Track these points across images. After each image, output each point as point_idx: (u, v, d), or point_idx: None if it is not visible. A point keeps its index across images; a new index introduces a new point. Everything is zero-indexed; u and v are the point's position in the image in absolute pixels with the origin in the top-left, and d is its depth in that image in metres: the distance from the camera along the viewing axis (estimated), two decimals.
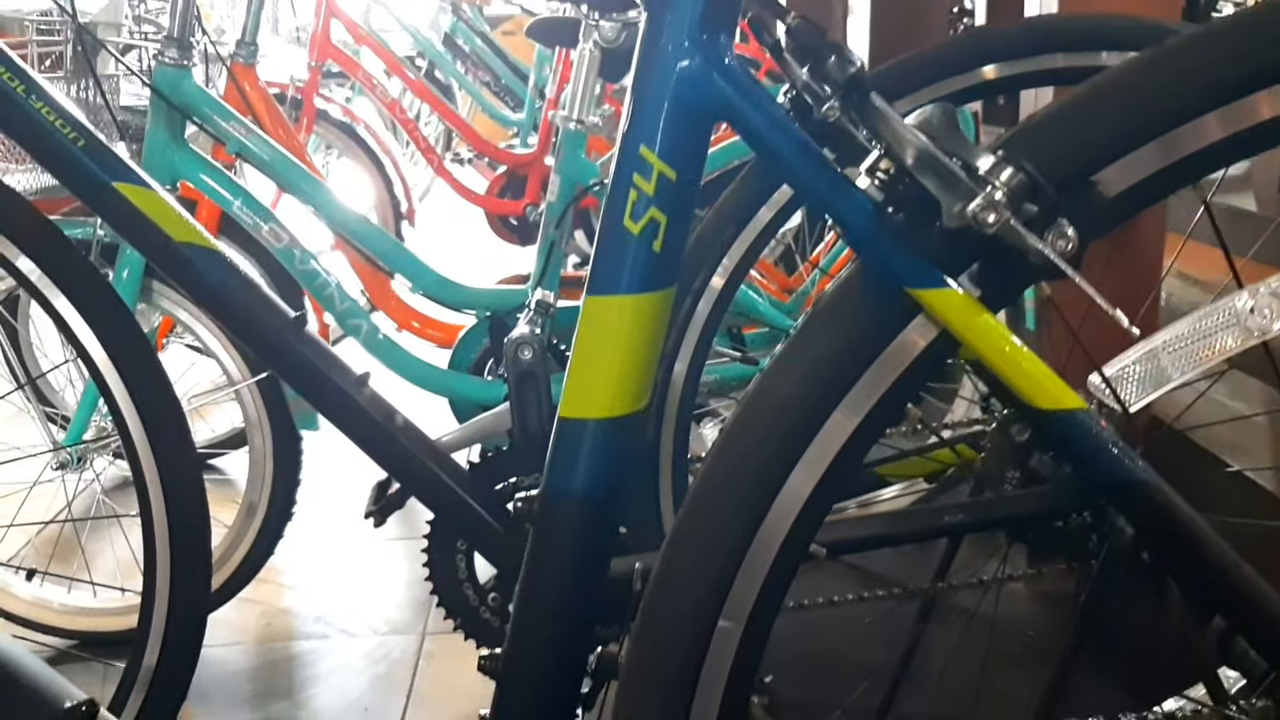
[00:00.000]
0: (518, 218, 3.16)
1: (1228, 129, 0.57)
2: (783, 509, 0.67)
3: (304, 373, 1.22)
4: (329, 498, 2.21)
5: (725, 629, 0.71)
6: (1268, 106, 0.57)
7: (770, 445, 0.64)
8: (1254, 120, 0.58)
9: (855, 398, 0.63)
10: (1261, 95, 0.57)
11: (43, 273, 1.22)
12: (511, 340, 1.33)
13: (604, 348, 0.66)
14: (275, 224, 1.73)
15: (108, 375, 1.25)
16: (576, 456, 0.68)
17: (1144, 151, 0.59)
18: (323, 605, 1.94)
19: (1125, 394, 0.86)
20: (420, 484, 1.25)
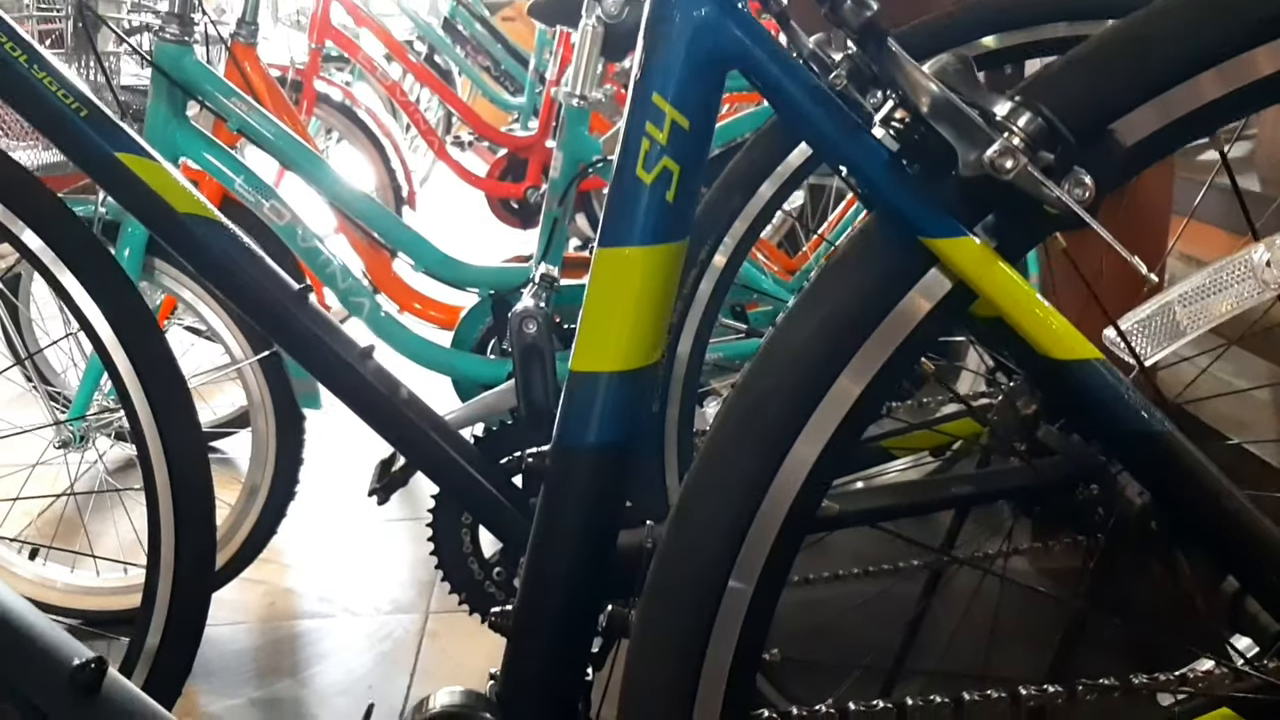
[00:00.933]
0: (518, 201, 3.15)
1: (1252, 76, 0.57)
2: (795, 465, 0.66)
3: (308, 345, 1.21)
4: (332, 479, 2.21)
5: (736, 590, 0.71)
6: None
7: (783, 400, 0.64)
8: (1275, 69, 0.57)
9: (870, 350, 0.62)
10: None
11: (49, 248, 1.21)
12: (516, 314, 1.32)
13: (616, 300, 0.66)
14: (277, 201, 1.72)
15: (114, 352, 1.25)
16: (589, 410, 0.68)
17: (1163, 99, 0.58)
18: (326, 585, 1.94)
19: (1140, 348, 0.85)
20: (425, 458, 1.25)
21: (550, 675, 0.72)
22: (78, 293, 1.24)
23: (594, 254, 0.66)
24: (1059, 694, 0.79)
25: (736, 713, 0.70)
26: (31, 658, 0.63)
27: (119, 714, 0.64)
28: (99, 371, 1.67)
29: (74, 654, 0.64)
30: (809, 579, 1.38)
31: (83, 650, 0.65)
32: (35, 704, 0.61)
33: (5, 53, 1.10)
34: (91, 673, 0.63)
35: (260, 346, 1.74)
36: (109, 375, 1.27)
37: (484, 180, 3.23)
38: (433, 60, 4.00)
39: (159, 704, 1.00)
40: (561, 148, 1.71)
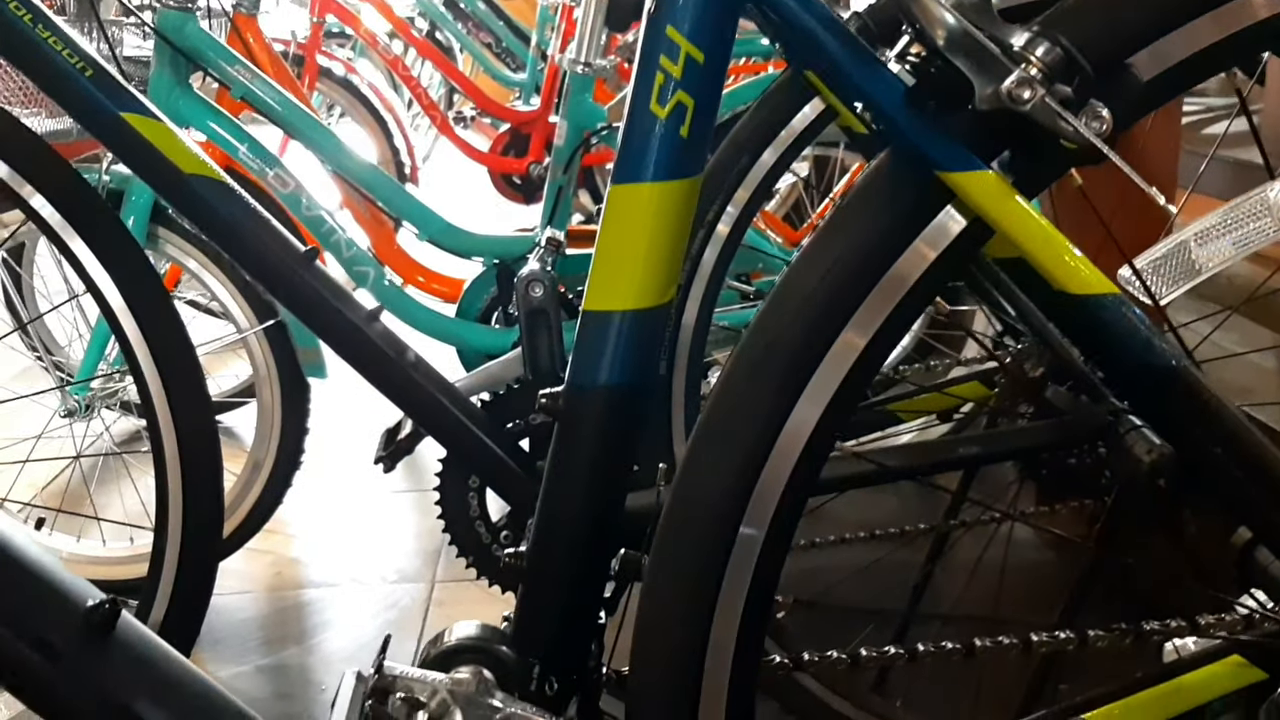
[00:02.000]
0: (521, 176, 3.14)
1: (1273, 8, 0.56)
2: (807, 408, 0.66)
3: (315, 307, 1.21)
4: (338, 450, 2.21)
5: (747, 536, 0.71)
6: None
7: (796, 341, 0.64)
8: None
9: (886, 288, 0.62)
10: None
11: (60, 214, 1.21)
12: (522, 278, 1.32)
13: (629, 237, 0.65)
14: (281, 169, 1.71)
15: (123, 318, 1.24)
16: (602, 349, 0.68)
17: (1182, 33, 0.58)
18: (332, 555, 1.94)
19: (1156, 288, 0.85)
20: (432, 420, 1.25)
21: (563, 616, 0.72)
22: (88, 259, 1.23)
23: (607, 191, 0.65)
24: (1070, 640, 0.79)
25: (749, 658, 0.70)
26: (46, 598, 0.63)
27: (133, 654, 0.64)
28: (105, 338, 1.67)
29: (88, 595, 0.64)
30: (814, 543, 1.38)
31: (96, 592, 0.65)
32: (50, 642, 0.61)
33: (10, 13, 1.10)
34: (106, 613, 0.63)
35: (265, 316, 1.74)
36: (117, 342, 1.26)
37: (487, 155, 3.23)
38: (434, 37, 3.98)
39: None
40: (566, 116, 1.71)
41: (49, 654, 0.62)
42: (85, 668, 0.62)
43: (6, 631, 0.61)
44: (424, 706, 0.60)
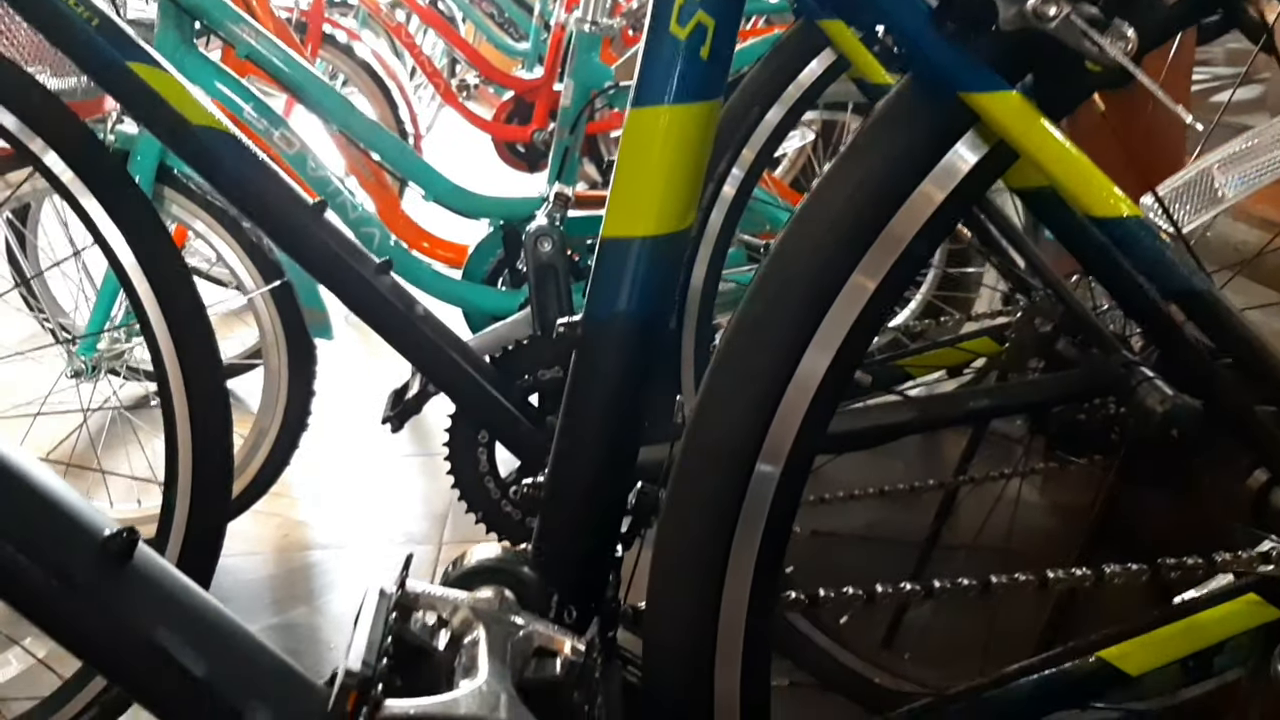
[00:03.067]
0: (525, 144, 3.13)
1: None
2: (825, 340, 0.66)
3: (324, 260, 1.21)
4: (345, 416, 2.21)
5: (764, 473, 0.70)
6: None
7: (815, 267, 0.63)
8: None
9: (907, 216, 0.61)
10: None
11: (70, 169, 1.20)
12: (530, 233, 1.31)
13: (648, 161, 0.65)
14: (286, 129, 1.71)
15: (134, 275, 1.24)
16: (620, 276, 0.67)
17: None
18: (339, 518, 1.94)
19: (1178, 215, 0.84)
20: (442, 374, 1.25)
21: (580, 546, 0.72)
22: (98, 214, 1.22)
23: (627, 115, 0.65)
24: (1086, 577, 0.79)
25: (765, 592, 0.70)
26: (63, 526, 0.63)
27: (149, 583, 0.64)
28: (112, 294, 1.67)
29: (105, 524, 0.64)
30: (824, 498, 1.38)
31: (113, 522, 0.65)
32: (68, 570, 0.61)
33: None
34: (123, 542, 0.63)
35: (271, 276, 1.74)
36: (128, 298, 1.25)
37: (490, 124, 3.21)
38: (436, 5, 3.96)
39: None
40: (573, 75, 1.70)
41: (67, 582, 0.61)
42: (103, 595, 0.62)
43: (25, 559, 0.61)
44: (446, 623, 0.60)
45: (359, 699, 0.56)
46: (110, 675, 0.65)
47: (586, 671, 0.59)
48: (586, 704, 0.58)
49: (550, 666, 0.58)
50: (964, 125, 0.60)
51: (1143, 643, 0.76)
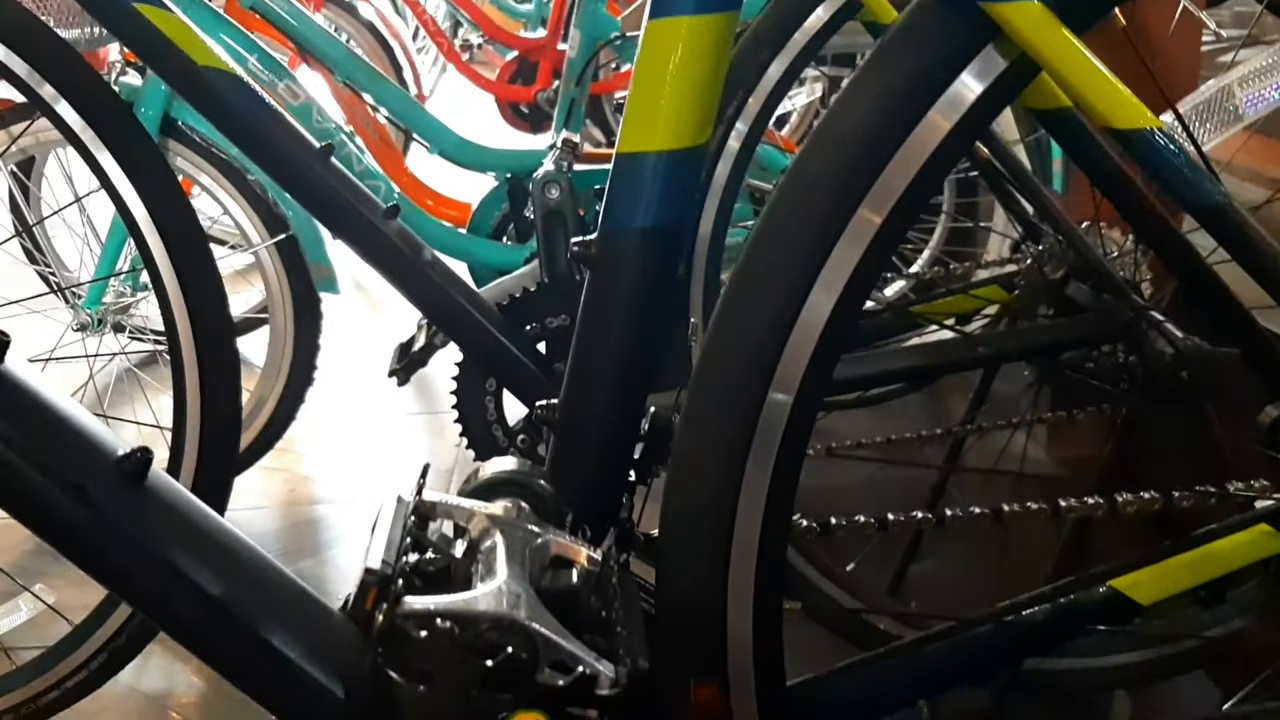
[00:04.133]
0: (529, 105, 3.11)
1: None
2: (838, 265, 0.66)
3: (331, 204, 1.20)
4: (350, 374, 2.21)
5: (777, 400, 0.70)
6: None
7: (833, 185, 0.63)
8: None
9: (928, 127, 0.60)
10: None
11: (79, 115, 1.19)
12: (538, 179, 1.31)
13: (665, 73, 0.64)
14: (291, 81, 1.70)
15: (145, 228, 1.23)
16: (637, 192, 0.67)
17: None
18: (345, 473, 1.95)
19: (1198, 133, 0.84)
20: (450, 320, 1.24)
21: (595, 465, 0.72)
22: (107, 162, 1.21)
23: (644, 28, 0.64)
24: (1099, 505, 0.79)
25: (778, 519, 0.70)
26: (78, 445, 0.63)
27: (164, 503, 0.64)
28: (118, 245, 1.66)
29: (119, 445, 0.64)
30: (830, 448, 1.38)
31: (127, 443, 0.65)
32: (83, 488, 0.61)
33: None
34: (137, 461, 0.63)
35: (277, 230, 1.73)
36: (138, 250, 1.25)
37: (494, 83, 3.19)
38: None
39: None
40: (579, 26, 1.68)
41: (82, 499, 0.62)
42: (118, 513, 0.62)
43: (40, 477, 0.61)
44: (464, 532, 0.60)
45: (378, 596, 0.56)
46: (126, 595, 0.65)
47: (603, 581, 0.59)
48: (603, 611, 0.58)
49: (567, 576, 0.59)
50: (984, 37, 0.59)
51: (1154, 572, 0.76)
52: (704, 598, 0.67)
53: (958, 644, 0.75)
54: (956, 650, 0.74)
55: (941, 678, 0.75)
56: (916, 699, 0.76)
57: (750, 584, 0.68)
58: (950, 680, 0.76)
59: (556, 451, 0.73)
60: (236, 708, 1.40)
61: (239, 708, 1.42)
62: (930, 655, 0.75)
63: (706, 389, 0.70)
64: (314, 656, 0.65)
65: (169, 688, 1.43)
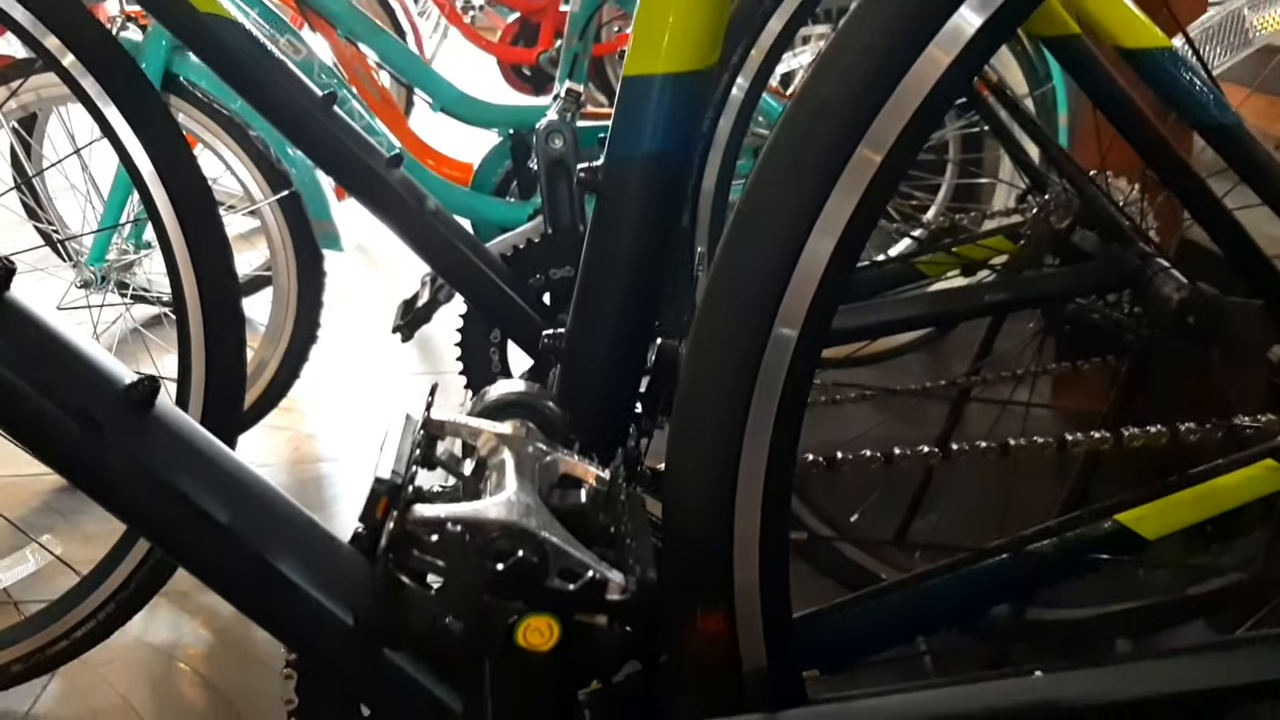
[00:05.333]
0: (531, 67, 3.09)
1: None
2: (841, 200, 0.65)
3: (334, 152, 1.20)
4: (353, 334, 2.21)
5: (782, 335, 0.70)
6: None
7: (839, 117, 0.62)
8: None
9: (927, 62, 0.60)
10: None
11: (83, 65, 1.18)
12: (541, 129, 1.30)
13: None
14: (293, 36, 1.69)
15: (150, 183, 1.22)
16: (643, 116, 0.66)
17: None
18: (349, 432, 1.95)
19: (1208, 56, 0.83)
20: (454, 270, 1.24)
21: (600, 395, 0.72)
22: (116, 119, 1.20)
23: None
24: (1105, 439, 0.79)
25: (784, 451, 0.70)
26: (86, 373, 0.63)
27: (171, 431, 0.64)
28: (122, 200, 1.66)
29: (127, 374, 0.64)
30: (836, 399, 1.38)
31: (134, 373, 0.65)
32: (91, 415, 0.61)
33: None
34: (145, 390, 0.63)
35: (279, 187, 1.73)
36: (144, 205, 1.24)
37: (495, 45, 3.17)
38: None
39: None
40: None
41: (90, 426, 0.62)
42: (126, 440, 0.62)
43: (48, 403, 0.61)
44: (473, 450, 0.60)
45: (389, 505, 0.56)
46: (134, 522, 0.65)
47: (611, 498, 0.59)
48: (611, 527, 0.58)
49: (575, 495, 0.59)
50: None
51: (1160, 507, 0.76)
52: (711, 528, 0.67)
53: (963, 578, 0.75)
54: (962, 584, 0.75)
55: (947, 612, 0.76)
56: (923, 632, 0.76)
57: (757, 515, 0.68)
58: (956, 614, 0.77)
59: (564, 380, 0.73)
60: (243, 659, 1.42)
61: (245, 659, 1.44)
62: (936, 589, 0.75)
63: (712, 323, 0.70)
64: (322, 584, 0.65)
65: (176, 639, 1.44)
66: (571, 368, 0.72)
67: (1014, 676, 0.66)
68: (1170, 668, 0.64)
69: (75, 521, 1.67)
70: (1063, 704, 0.64)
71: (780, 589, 0.69)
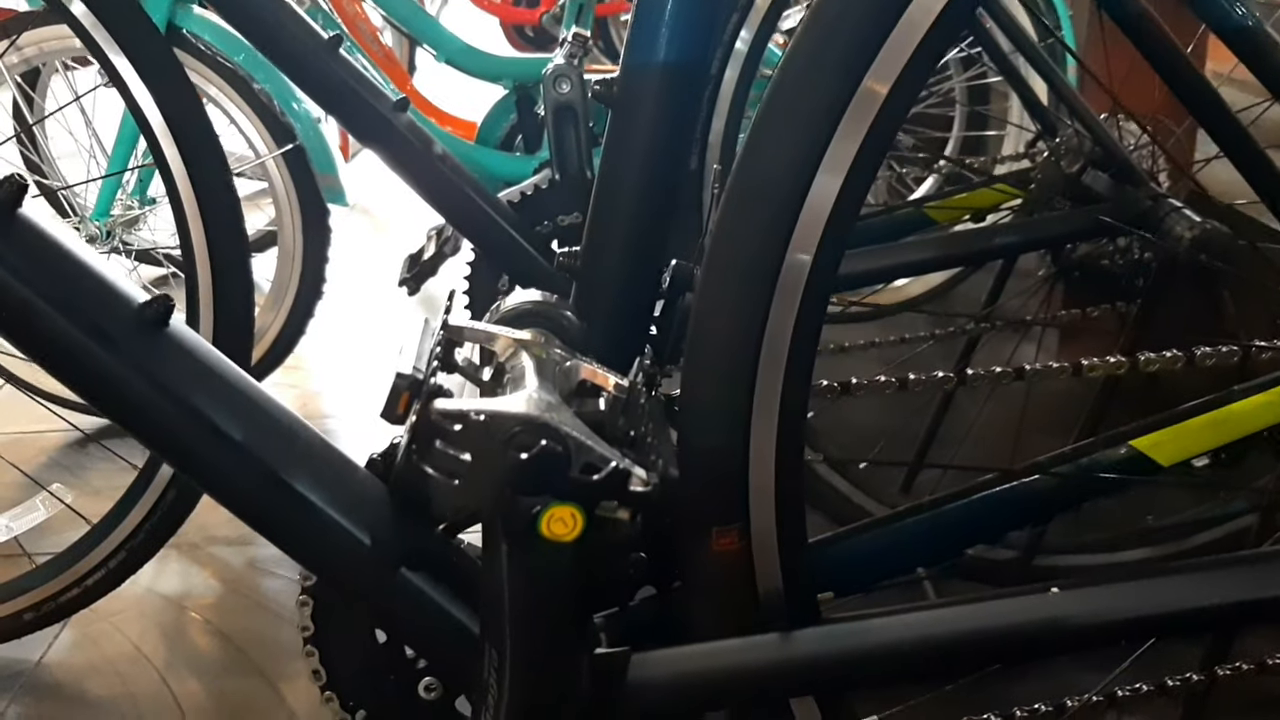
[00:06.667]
0: (534, 28, 3.07)
1: None
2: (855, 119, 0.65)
3: (340, 95, 1.19)
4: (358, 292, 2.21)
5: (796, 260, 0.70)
6: None
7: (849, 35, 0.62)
8: None
9: None
10: None
11: (99, 22, 1.17)
12: (548, 74, 1.29)
13: None
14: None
15: (160, 134, 1.21)
16: (659, 23, 0.65)
17: None
18: (356, 388, 1.95)
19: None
20: (462, 214, 1.24)
21: (616, 311, 0.72)
22: (126, 71, 1.19)
23: None
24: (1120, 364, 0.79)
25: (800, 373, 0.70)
26: (102, 291, 0.63)
27: (185, 350, 0.64)
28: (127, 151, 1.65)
29: (140, 293, 0.64)
30: (844, 347, 1.38)
31: (147, 294, 0.64)
32: (106, 331, 0.61)
33: None
34: (159, 308, 0.63)
35: (284, 140, 1.72)
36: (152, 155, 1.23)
37: (498, 5, 3.15)
38: None
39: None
40: None
41: (106, 344, 0.61)
42: (141, 358, 0.62)
43: (66, 322, 0.61)
44: (492, 356, 0.60)
45: (410, 400, 0.56)
46: (149, 441, 0.65)
47: (631, 403, 0.59)
48: (631, 431, 0.58)
49: (594, 402, 0.59)
50: None
51: (1175, 432, 0.76)
52: (726, 447, 0.67)
53: (978, 502, 0.75)
54: (977, 508, 0.75)
55: (961, 536, 0.76)
56: (938, 558, 0.76)
57: (772, 435, 0.68)
58: (969, 538, 0.77)
59: (579, 295, 0.72)
60: (254, 608, 1.43)
61: (256, 608, 1.45)
62: (951, 514, 0.75)
63: (727, 244, 0.70)
64: (339, 504, 0.65)
65: (187, 589, 1.45)
66: (587, 282, 0.72)
67: (1030, 594, 0.66)
68: (1190, 582, 0.64)
69: (82, 476, 1.68)
70: (1081, 619, 0.64)
71: (795, 509, 0.69)
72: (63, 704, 1.26)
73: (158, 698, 1.26)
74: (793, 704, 0.71)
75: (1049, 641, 0.65)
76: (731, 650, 0.68)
